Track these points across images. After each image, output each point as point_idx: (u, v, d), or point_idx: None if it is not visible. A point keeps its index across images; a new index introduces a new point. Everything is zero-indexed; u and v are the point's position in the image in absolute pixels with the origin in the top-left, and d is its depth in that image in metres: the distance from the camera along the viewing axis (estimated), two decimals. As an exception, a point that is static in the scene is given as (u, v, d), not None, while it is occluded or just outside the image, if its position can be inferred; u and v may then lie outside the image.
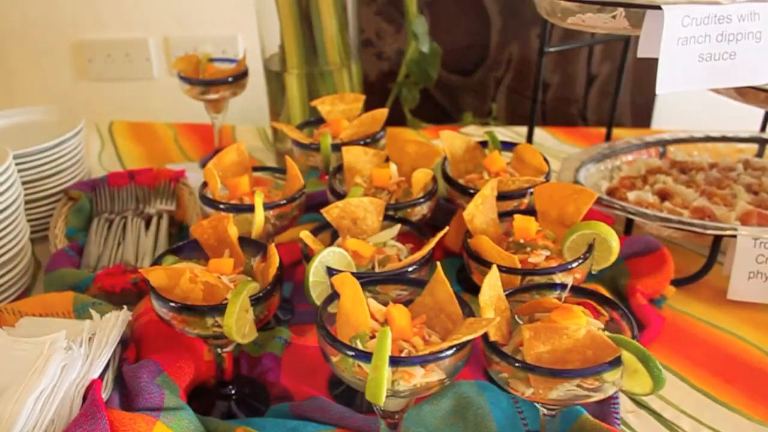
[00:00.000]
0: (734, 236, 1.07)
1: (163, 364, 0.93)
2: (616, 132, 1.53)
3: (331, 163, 1.12)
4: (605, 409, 0.92)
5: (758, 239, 1.07)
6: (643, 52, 0.98)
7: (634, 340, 0.72)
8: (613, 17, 0.98)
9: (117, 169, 1.47)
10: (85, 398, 0.85)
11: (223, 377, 0.95)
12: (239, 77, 1.39)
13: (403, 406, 0.79)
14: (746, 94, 1.17)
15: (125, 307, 0.96)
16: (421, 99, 1.71)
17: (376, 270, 0.89)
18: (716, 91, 1.20)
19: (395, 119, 1.57)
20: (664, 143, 1.34)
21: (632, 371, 0.72)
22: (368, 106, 1.20)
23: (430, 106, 1.69)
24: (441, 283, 0.78)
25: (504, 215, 0.98)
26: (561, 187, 0.94)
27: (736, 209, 1.17)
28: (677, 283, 1.12)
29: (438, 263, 0.80)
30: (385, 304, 0.78)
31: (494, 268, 0.79)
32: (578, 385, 0.73)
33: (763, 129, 1.41)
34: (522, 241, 0.91)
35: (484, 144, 1.13)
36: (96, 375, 0.87)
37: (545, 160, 1.06)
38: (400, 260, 0.90)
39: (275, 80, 1.39)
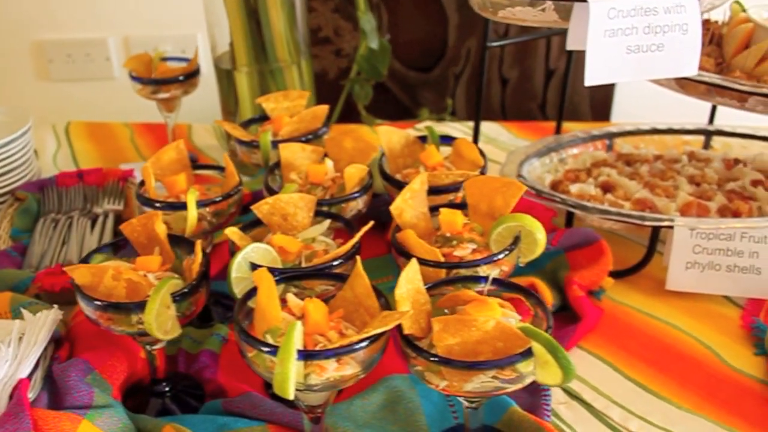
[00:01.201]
0: (671, 227, 1.08)
1: (94, 363, 0.93)
2: (572, 126, 1.53)
3: (271, 160, 1.12)
4: (536, 401, 0.93)
5: (695, 230, 1.07)
6: (571, 44, 0.98)
7: (544, 332, 0.72)
8: (542, 11, 0.99)
9: (71, 169, 1.47)
10: (12, 398, 0.85)
11: (155, 375, 0.95)
12: (190, 76, 1.39)
13: (323, 400, 0.79)
14: (686, 86, 1.17)
15: (56, 306, 0.96)
16: (381, 95, 1.71)
17: (303, 266, 0.89)
18: (658, 83, 1.21)
19: (351, 116, 1.58)
20: (611, 136, 1.35)
21: (543, 362, 0.72)
22: (327, 104, 1.19)
23: (390, 102, 1.70)
24: (360, 278, 0.79)
25: (438, 209, 0.98)
26: (490, 180, 0.94)
27: (677, 200, 1.17)
28: (617, 274, 1.13)
29: (358, 258, 0.81)
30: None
31: (413, 261, 0.80)
32: (494, 377, 0.74)
33: (710, 121, 1.42)
34: (448, 234, 0.91)
35: (424, 139, 1.13)
36: (24, 374, 0.88)
37: (482, 154, 1.07)
38: (328, 255, 0.90)
39: (226, 78, 1.39)
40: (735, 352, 1.02)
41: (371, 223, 0.90)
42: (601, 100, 1.74)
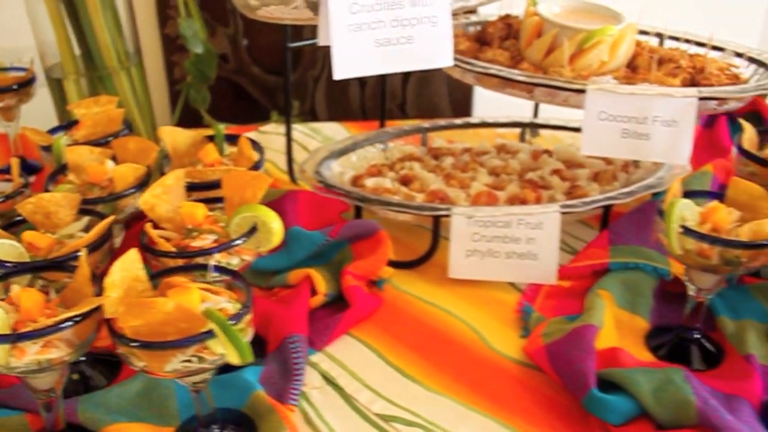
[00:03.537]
0: (449, 216, 1.11)
1: None
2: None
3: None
4: (287, 385, 0.96)
5: (472, 218, 1.10)
6: (322, 40, 1.02)
7: (219, 313, 0.76)
8: (296, 8, 1.02)
9: None
10: None
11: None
12: (24, 84, 1.43)
13: (49, 385, 0.83)
14: (481, 79, 1.20)
15: None
16: (241, 99, 1.75)
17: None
18: (459, 78, 1.24)
19: (198, 120, 1.61)
20: (424, 131, 1.38)
21: (223, 342, 0.76)
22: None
23: (249, 106, 1.73)
24: (80, 268, 0.83)
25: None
26: (242, 174, 0.97)
27: (471, 190, 1.20)
28: (405, 264, 1.16)
29: (83, 250, 0.85)
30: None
31: (131, 251, 0.83)
32: (194, 356, 0.78)
33: (534, 114, 1.45)
34: (190, 226, 0.94)
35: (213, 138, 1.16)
36: None
37: (258, 150, 1.10)
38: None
39: (57, 87, 1.42)
40: (502, 336, 1.05)
41: (111, 218, 0.94)
42: (460, 100, 1.77)
